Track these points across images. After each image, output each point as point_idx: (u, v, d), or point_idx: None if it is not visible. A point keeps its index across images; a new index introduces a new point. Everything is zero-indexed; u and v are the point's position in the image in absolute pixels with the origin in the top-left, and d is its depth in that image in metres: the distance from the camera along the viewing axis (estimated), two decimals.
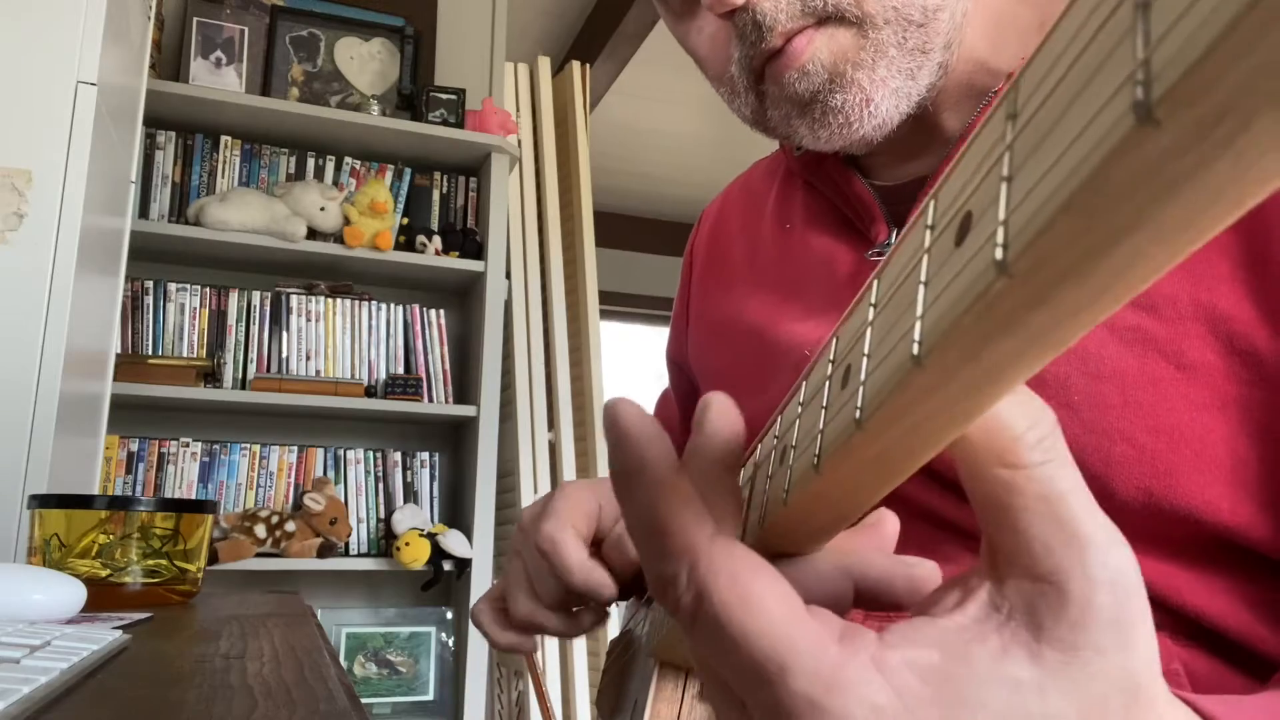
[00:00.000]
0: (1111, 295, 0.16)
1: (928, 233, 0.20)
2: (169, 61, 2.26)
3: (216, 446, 2.20)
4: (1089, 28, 0.15)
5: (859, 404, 0.21)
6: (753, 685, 0.23)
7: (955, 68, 0.55)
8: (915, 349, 0.18)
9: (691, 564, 0.23)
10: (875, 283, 0.22)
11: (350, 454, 2.30)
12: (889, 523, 0.32)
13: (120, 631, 0.54)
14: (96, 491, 1.59)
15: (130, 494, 2.10)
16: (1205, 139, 0.13)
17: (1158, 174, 0.14)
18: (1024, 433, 0.21)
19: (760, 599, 0.22)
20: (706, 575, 0.23)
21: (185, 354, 2.16)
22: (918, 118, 0.55)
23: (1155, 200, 0.14)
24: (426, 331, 2.36)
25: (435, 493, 2.34)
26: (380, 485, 2.30)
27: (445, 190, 2.42)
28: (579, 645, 2.40)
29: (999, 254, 0.16)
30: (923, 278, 0.19)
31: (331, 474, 2.27)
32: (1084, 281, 0.16)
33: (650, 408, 0.85)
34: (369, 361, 2.31)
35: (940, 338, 0.18)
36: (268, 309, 2.25)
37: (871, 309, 0.22)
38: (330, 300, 2.30)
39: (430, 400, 2.31)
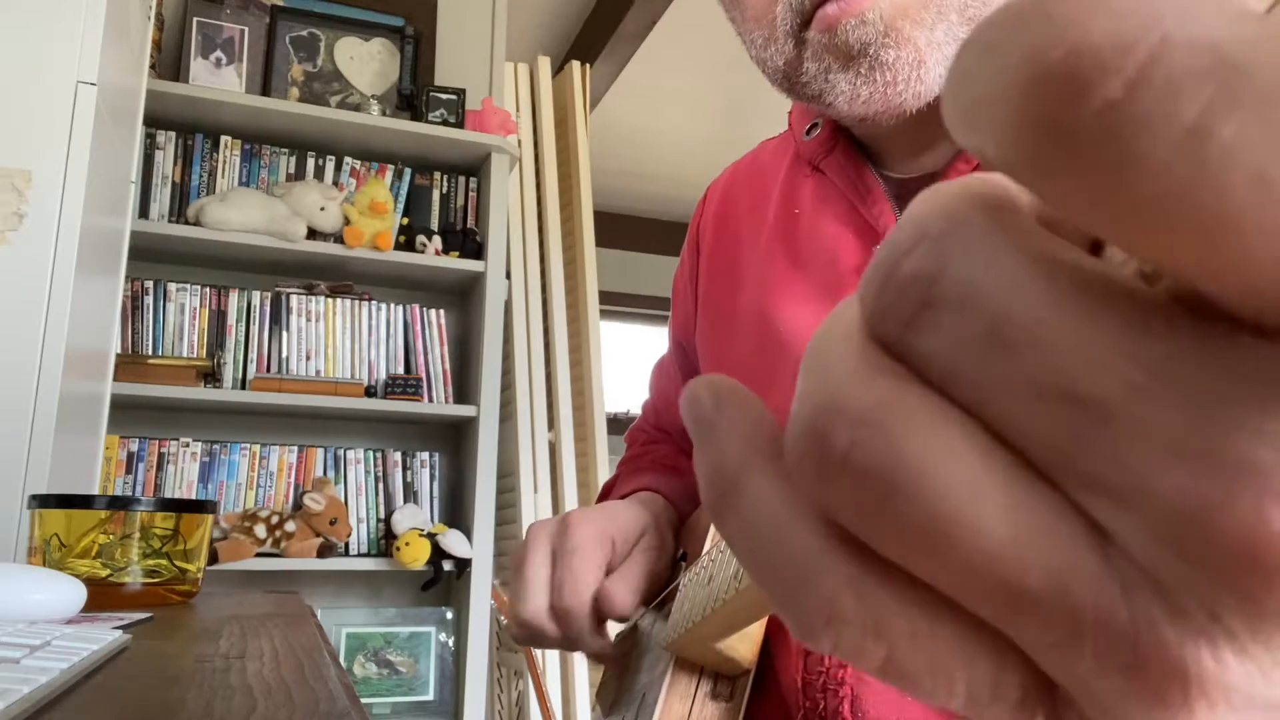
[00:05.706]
0: None
1: None
2: (169, 61, 2.26)
3: (216, 446, 2.19)
4: None
5: None
6: None
7: None
8: None
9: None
10: None
11: (350, 454, 2.30)
12: None
13: (120, 631, 0.54)
14: (96, 491, 1.59)
15: (130, 494, 2.10)
16: None
17: None
18: None
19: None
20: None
21: (185, 354, 2.16)
22: (938, 105, 0.53)
23: None
24: (426, 331, 2.36)
25: (435, 493, 2.34)
26: (380, 485, 2.30)
27: (445, 190, 2.42)
28: None
29: None
30: None
31: (331, 474, 2.27)
32: None
33: (648, 405, 0.85)
34: (369, 361, 2.31)
35: None
36: (268, 309, 2.25)
37: None
38: (330, 300, 2.30)
39: (430, 400, 2.31)
